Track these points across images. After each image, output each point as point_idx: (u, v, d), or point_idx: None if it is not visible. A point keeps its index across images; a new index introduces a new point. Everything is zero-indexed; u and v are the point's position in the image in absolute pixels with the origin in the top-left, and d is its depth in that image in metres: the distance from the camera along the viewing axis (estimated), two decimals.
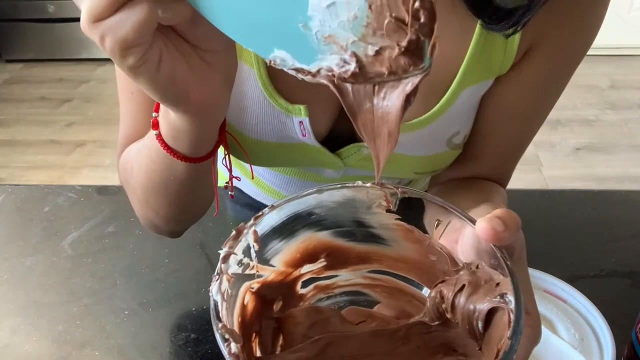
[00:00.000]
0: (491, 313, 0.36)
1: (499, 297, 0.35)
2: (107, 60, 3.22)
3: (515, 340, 0.32)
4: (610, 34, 3.23)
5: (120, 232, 0.72)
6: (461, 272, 0.38)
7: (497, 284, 0.36)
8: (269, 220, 0.39)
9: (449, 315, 0.39)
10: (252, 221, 0.39)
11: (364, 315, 0.44)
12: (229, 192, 0.56)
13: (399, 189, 0.40)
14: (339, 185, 0.40)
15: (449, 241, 0.40)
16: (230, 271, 0.37)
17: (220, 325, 0.33)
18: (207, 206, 0.60)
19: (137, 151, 0.54)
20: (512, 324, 0.33)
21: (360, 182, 0.40)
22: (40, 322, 0.60)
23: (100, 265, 0.67)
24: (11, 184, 0.83)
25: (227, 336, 0.33)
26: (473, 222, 0.37)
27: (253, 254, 0.39)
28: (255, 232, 0.39)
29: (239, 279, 0.38)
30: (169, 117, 0.45)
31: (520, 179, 2.27)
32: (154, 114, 0.48)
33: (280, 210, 0.39)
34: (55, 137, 2.66)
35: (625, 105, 2.74)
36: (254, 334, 0.39)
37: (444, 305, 0.39)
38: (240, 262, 0.38)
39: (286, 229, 0.40)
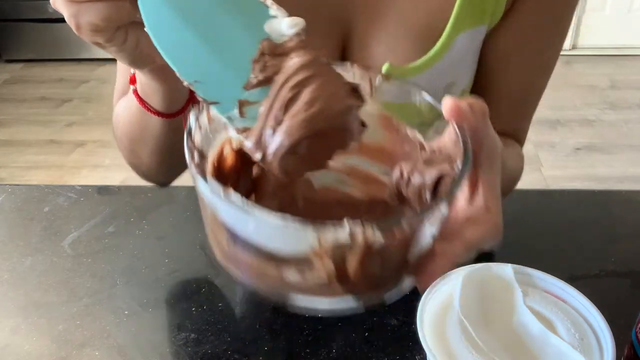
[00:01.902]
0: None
1: (448, 166, 0.36)
2: (107, 60, 3.22)
3: (453, 187, 0.33)
4: (610, 34, 3.24)
5: (120, 232, 0.72)
6: (423, 154, 0.39)
7: (451, 161, 0.37)
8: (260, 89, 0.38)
9: (403, 191, 0.40)
10: None
11: (334, 190, 0.44)
12: None
13: (382, 74, 0.40)
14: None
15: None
16: (212, 113, 0.37)
17: (190, 141, 0.34)
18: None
19: (124, 105, 0.59)
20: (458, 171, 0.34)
21: (348, 63, 0.40)
22: (40, 322, 0.60)
23: (100, 265, 0.67)
24: (11, 184, 0.83)
25: (194, 152, 0.34)
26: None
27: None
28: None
29: (220, 126, 0.38)
30: (140, 76, 0.49)
31: (521, 179, 2.27)
32: (132, 70, 0.51)
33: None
34: (55, 137, 2.66)
35: (625, 105, 2.74)
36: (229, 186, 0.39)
37: (400, 184, 0.40)
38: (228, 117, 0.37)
39: None
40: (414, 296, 0.58)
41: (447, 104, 0.36)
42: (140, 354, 0.56)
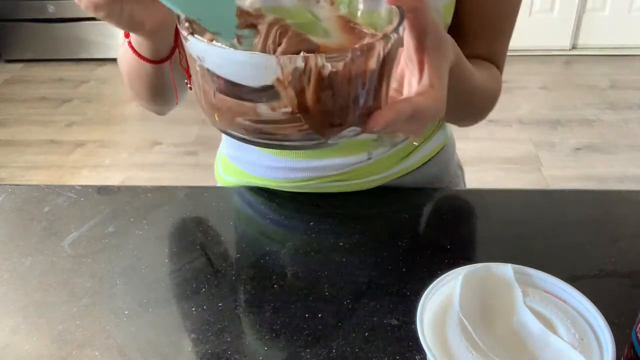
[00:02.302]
0: None
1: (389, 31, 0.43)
2: (107, 60, 3.22)
3: (391, 32, 0.41)
4: (610, 34, 3.24)
5: (120, 232, 0.72)
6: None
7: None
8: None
9: None
10: None
11: None
12: (188, 85, 0.68)
13: None
14: None
15: None
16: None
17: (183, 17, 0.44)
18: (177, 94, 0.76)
19: (123, 49, 0.69)
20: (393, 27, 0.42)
21: None
22: (40, 322, 0.60)
23: (100, 265, 0.67)
24: (11, 184, 0.83)
25: (185, 22, 0.43)
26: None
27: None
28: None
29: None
30: (132, 35, 0.62)
31: (520, 178, 2.27)
32: None
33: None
34: (55, 137, 2.66)
35: (625, 105, 2.74)
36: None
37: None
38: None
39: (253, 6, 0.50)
40: (414, 296, 0.58)
41: None
42: (140, 354, 0.56)
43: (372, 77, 0.42)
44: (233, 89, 0.41)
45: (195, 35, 0.41)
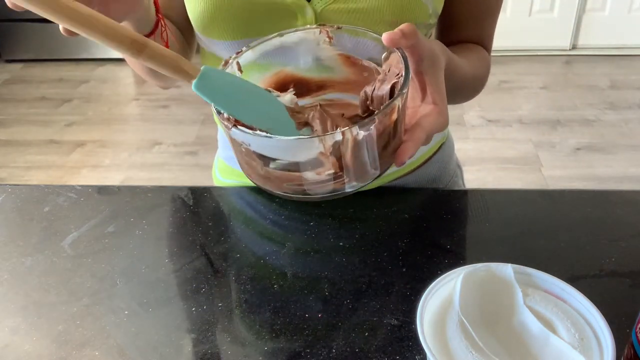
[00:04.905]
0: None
1: (396, 79, 0.49)
2: (107, 60, 3.22)
3: (402, 87, 0.47)
4: (610, 34, 3.24)
5: (120, 232, 0.72)
6: (378, 76, 0.53)
7: (398, 74, 0.49)
8: (247, 57, 0.55)
9: (370, 106, 0.54)
10: (234, 55, 0.54)
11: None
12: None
13: (334, 26, 0.55)
14: (294, 30, 0.55)
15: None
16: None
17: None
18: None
19: None
20: (401, 79, 0.48)
21: (308, 25, 0.56)
22: (40, 322, 0.60)
23: (100, 265, 0.67)
24: (11, 184, 0.83)
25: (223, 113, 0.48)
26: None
27: None
28: (238, 63, 0.54)
29: None
30: None
31: (520, 178, 2.27)
32: None
33: (254, 50, 0.55)
34: (55, 137, 2.66)
35: (625, 105, 2.74)
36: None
37: (367, 102, 0.53)
38: None
39: (262, 61, 0.55)
40: (414, 296, 0.58)
41: (384, 37, 0.48)
42: (140, 354, 0.56)
43: (395, 125, 0.48)
44: (280, 164, 0.47)
45: (239, 127, 0.46)
